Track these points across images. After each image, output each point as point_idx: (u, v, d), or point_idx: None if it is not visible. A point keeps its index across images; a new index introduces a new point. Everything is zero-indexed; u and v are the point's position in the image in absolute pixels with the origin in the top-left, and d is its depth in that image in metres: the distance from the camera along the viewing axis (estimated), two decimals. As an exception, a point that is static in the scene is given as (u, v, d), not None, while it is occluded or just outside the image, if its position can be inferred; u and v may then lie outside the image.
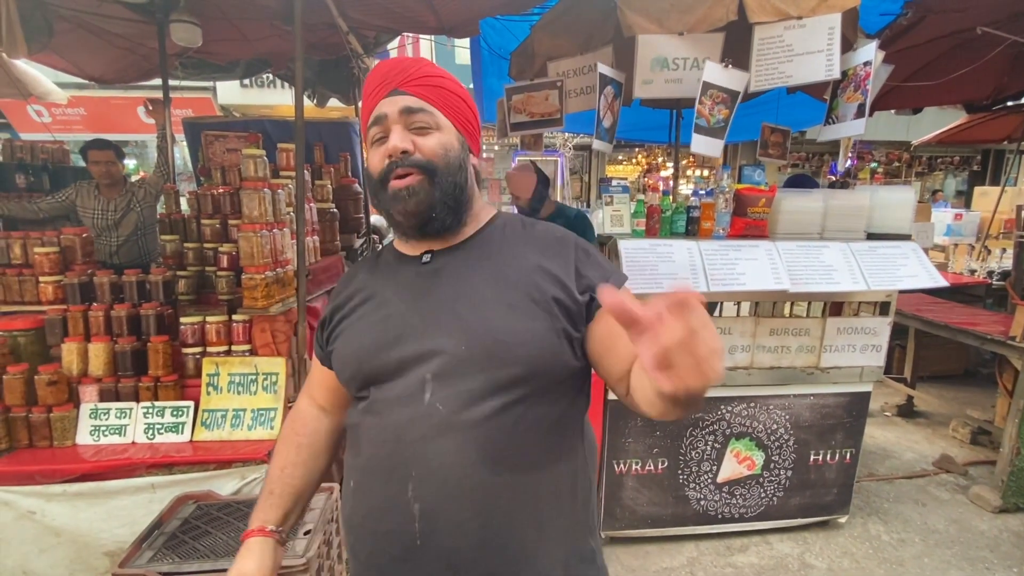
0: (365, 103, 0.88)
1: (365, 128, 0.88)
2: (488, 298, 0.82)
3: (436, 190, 0.82)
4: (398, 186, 0.82)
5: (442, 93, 0.85)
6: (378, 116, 0.84)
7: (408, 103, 0.82)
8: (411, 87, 0.83)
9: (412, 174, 0.81)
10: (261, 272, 2.04)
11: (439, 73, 0.86)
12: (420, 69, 0.85)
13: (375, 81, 0.85)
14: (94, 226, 3.14)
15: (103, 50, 3.39)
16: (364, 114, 0.89)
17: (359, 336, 0.87)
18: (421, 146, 0.82)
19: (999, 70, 3.72)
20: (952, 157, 11.26)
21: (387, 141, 0.83)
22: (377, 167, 0.84)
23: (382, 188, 0.84)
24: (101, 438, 1.97)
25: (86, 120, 8.39)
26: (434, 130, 0.84)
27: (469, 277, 0.85)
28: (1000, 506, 2.78)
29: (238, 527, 1.61)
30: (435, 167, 0.82)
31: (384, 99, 0.83)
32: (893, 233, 2.38)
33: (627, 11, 2.22)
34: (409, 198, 0.81)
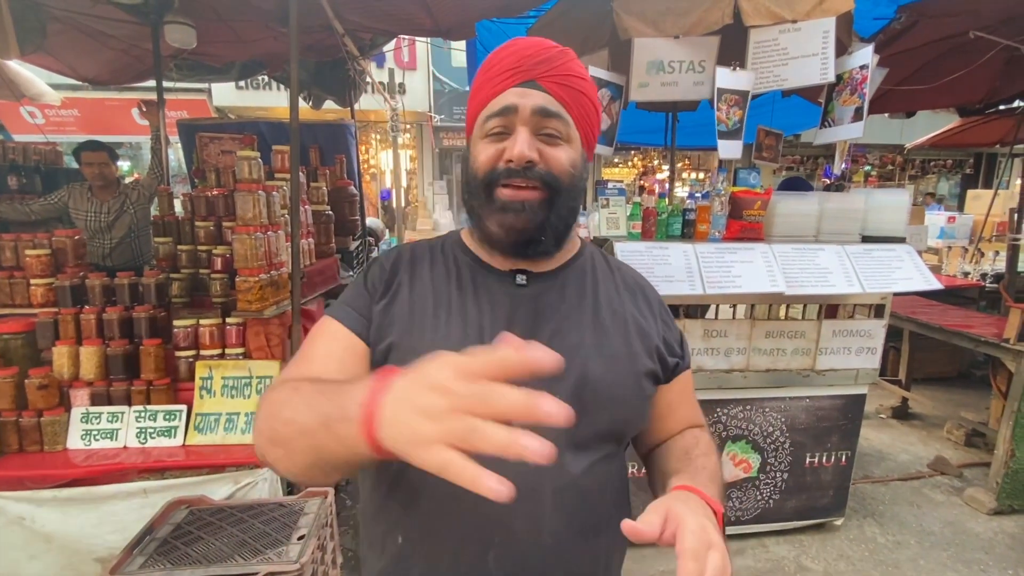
0: (482, 86, 0.74)
1: (474, 113, 0.75)
2: (587, 343, 0.74)
3: (552, 212, 0.72)
4: (511, 197, 0.70)
5: (581, 100, 0.73)
6: (506, 107, 0.70)
7: (545, 104, 0.70)
8: (551, 83, 0.70)
9: (531, 187, 0.70)
10: (255, 275, 2.03)
11: (582, 73, 0.73)
12: (565, 64, 0.72)
13: (507, 62, 0.71)
14: (87, 228, 3.11)
15: (97, 51, 3.38)
16: (478, 97, 0.74)
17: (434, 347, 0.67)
18: (549, 157, 0.71)
19: (991, 74, 3.75)
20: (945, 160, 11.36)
21: (505, 138, 0.71)
22: (485, 165, 0.72)
23: (485, 191, 0.72)
24: (92, 442, 1.95)
25: (79, 121, 8.35)
26: (564, 142, 0.72)
27: (567, 314, 0.76)
28: (995, 508, 2.79)
29: (231, 532, 1.60)
30: (559, 186, 0.71)
31: (514, 88, 0.70)
32: (887, 236, 2.39)
33: (623, 14, 2.22)
34: (520, 213, 0.70)
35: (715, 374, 2.34)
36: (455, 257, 0.80)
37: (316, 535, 1.60)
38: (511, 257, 0.76)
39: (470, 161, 0.75)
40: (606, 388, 0.72)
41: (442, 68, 9.55)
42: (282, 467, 0.61)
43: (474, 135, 0.75)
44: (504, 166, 0.70)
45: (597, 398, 0.71)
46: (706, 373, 2.33)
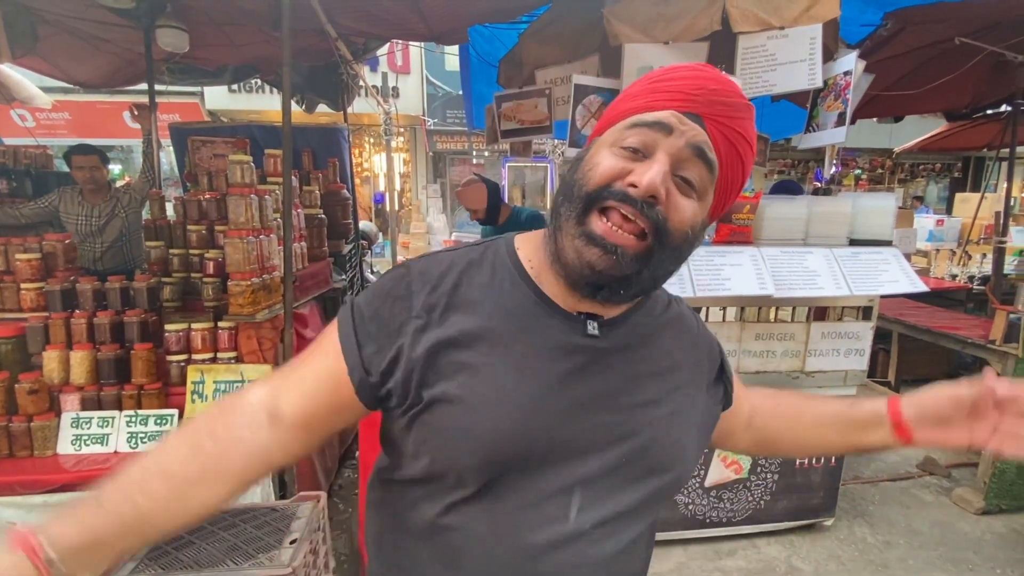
0: (639, 93, 0.63)
1: (616, 117, 0.63)
2: (653, 398, 0.67)
3: (646, 268, 0.61)
4: (605, 233, 0.59)
5: (736, 164, 0.63)
6: (660, 122, 0.59)
7: (703, 144, 0.59)
8: (718, 130, 0.60)
9: (636, 228, 0.59)
10: (247, 278, 2.03)
11: (752, 137, 0.63)
12: (743, 120, 0.61)
13: (685, 83, 0.60)
14: (78, 232, 3.10)
15: (89, 55, 3.37)
16: (629, 103, 0.63)
17: (494, 410, 0.61)
18: (674, 205, 0.60)
19: (977, 79, 3.81)
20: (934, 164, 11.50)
21: (638, 159, 0.60)
22: (601, 178, 0.60)
23: (582, 208, 0.60)
24: (83, 447, 1.94)
25: (70, 124, 8.31)
26: (696, 196, 0.61)
27: (634, 364, 0.68)
28: (983, 508, 2.82)
29: (222, 537, 1.59)
30: (668, 241, 0.60)
31: (678, 112, 0.59)
32: (875, 239, 2.42)
33: (613, 20, 2.25)
34: (607, 255, 0.59)
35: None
36: (512, 282, 0.67)
37: (308, 539, 1.60)
38: (576, 291, 0.64)
39: (584, 163, 0.63)
40: (671, 448, 0.67)
41: (435, 72, 9.58)
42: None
43: (603, 140, 0.63)
44: (622, 188, 0.59)
45: (662, 459, 0.67)
46: (697, 375, 2.35)
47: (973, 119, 4.76)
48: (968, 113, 4.54)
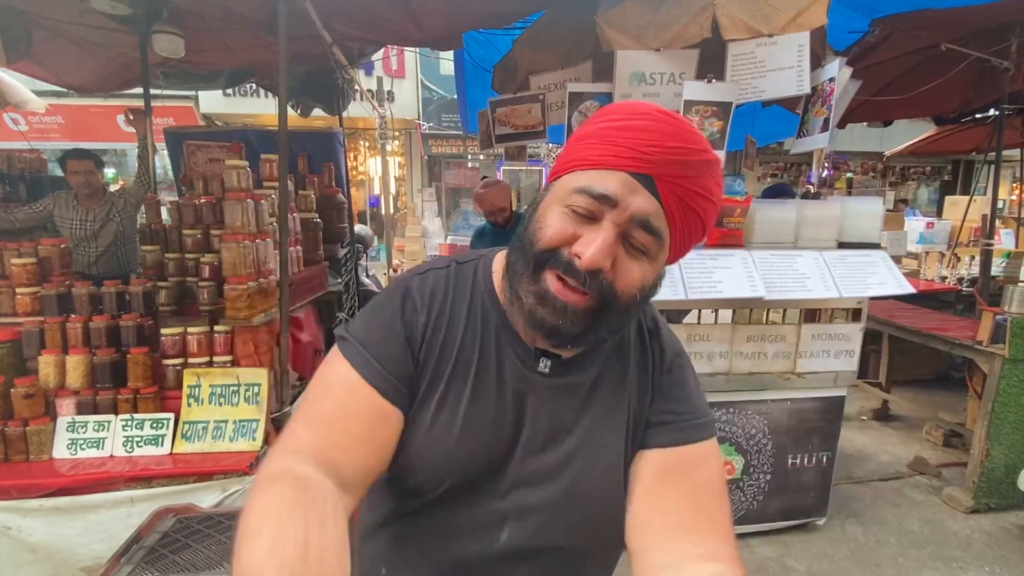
0: (598, 140, 0.60)
1: (569, 163, 0.63)
2: (598, 444, 0.67)
3: (597, 327, 0.62)
4: (556, 292, 0.60)
5: (693, 222, 0.62)
6: (605, 195, 0.58)
7: (650, 217, 0.58)
8: (672, 193, 0.59)
9: (583, 294, 0.59)
10: (244, 283, 2.04)
11: (712, 192, 0.61)
12: (700, 179, 0.59)
13: (637, 139, 0.58)
14: (72, 236, 3.10)
15: (84, 59, 3.37)
16: (585, 151, 0.61)
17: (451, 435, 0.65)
18: (621, 271, 0.60)
19: (964, 84, 3.88)
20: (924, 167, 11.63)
21: (585, 223, 0.59)
22: (549, 242, 0.60)
23: (534, 266, 0.61)
24: (78, 452, 1.94)
25: (64, 128, 8.27)
26: (647, 259, 0.61)
27: (587, 406, 0.69)
28: (972, 506, 2.86)
29: (219, 540, 1.60)
30: (614, 304, 0.60)
31: (627, 174, 0.58)
32: (863, 242, 2.46)
33: (606, 27, 2.28)
34: (561, 314, 0.60)
35: (698, 377, 2.38)
36: (484, 306, 0.70)
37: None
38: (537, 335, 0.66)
39: (537, 219, 0.63)
40: (611, 508, 0.66)
41: (431, 76, 9.62)
42: None
43: (556, 190, 0.63)
44: (568, 257, 0.59)
45: (600, 520, 0.67)
46: (690, 377, 2.37)
47: (961, 123, 4.83)
48: (956, 117, 4.61)
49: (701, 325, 2.41)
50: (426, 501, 0.68)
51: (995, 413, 2.76)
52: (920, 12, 2.71)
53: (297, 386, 2.55)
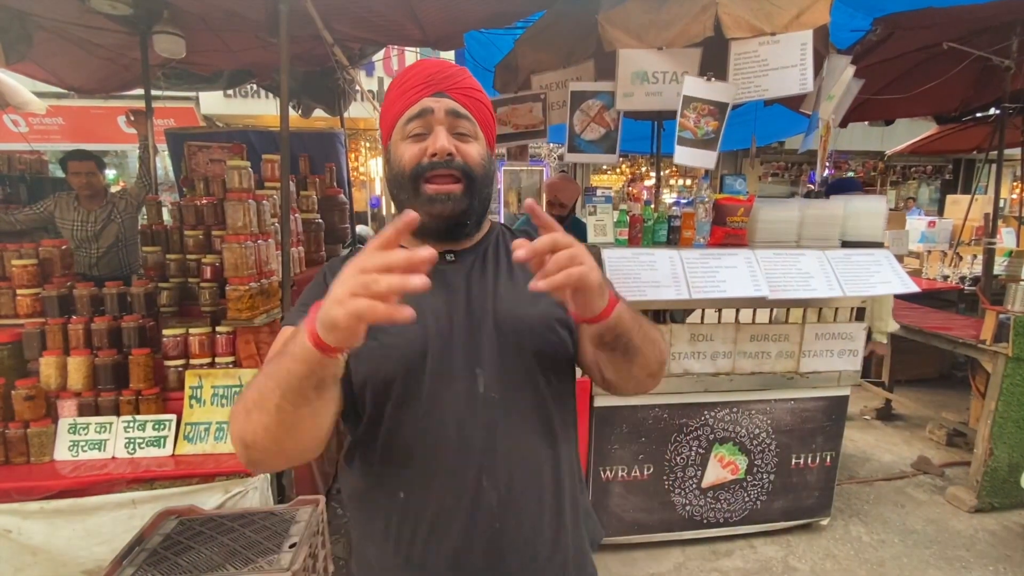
0: (398, 97, 0.86)
1: (392, 121, 0.86)
2: (511, 294, 0.86)
3: (473, 199, 0.84)
4: (438, 191, 0.82)
5: (480, 108, 0.87)
6: (423, 110, 0.83)
7: (455, 107, 0.83)
8: (458, 94, 0.84)
9: (453, 179, 0.82)
10: (245, 283, 2.03)
11: (479, 87, 0.89)
12: (465, 80, 0.87)
13: (417, 79, 0.85)
14: (73, 238, 3.10)
15: (84, 60, 3.37)
16: (395, 107, 0.86)
17: (400, 331, 0.75)
18: (464, 152, 0.83)
19: (966, 83, 3.87)
20: (925, 166, 11.61)
21: (424, 138, 0.83)
22: (411, 163, 0.82)
23: (413, 187, 0.83)
24: (80, 453, 1.94)
25: (64, 130, 8.27)
26: (473, 139, 0.85)
27: (492, 277, 0.88)
28: (975, 506, 2.85)
29: (222, 542, 1.60)
30: (475, 176, 0.83)
31: (428, 97, 0.83)
32: (866, 241, 2.45)
33: (608, 26, 2.27)
34: (447, 203, 0.82)
35: (702, 377, 2.38)
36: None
37: (307, 543, 1.60)
38: (438, 242, 0.85)
39: (393, 161, 0.85)
40: (536, 323, 0.84)
41: (431, 76, 9.60)
42: (259, 440, 0.67)
43: (393, 139, 0.86)
44: (428, 160, 0.81)
45: (531, 332, 0.84)
46: (693, 376, 2.37)
47: (962, 122, 4.82)
48: (957, 116, 4.60)
49: (704, 325, 2.40)
50: (401, 394, 0.80)
51: (998, 412, 2.75)
52: (922, 11, 2.70)
53: (299, 387, 2.54)
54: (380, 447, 0.83)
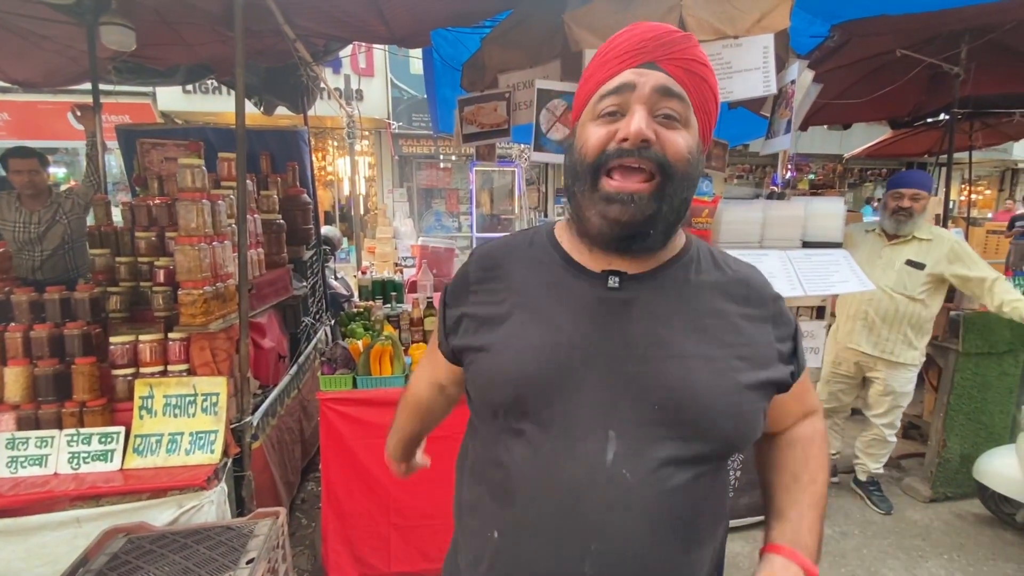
0: (597, 68, 0.70)
1: (585, 98, 0.71)
2: (689, 352, 0.69)
3: (664, 203, 0.66)
4: (618, 187, 0.66)
5: (702, 87, 0.69)
6: (623, 84, 0.66)
7: (666, 83, 0.66)
8: (673, 65, 0.66)
9: (643, 174, 0.65)
10: (199, 287, 1.94)
11: (704, 60, 0.69)
12: (688, 48, 0.68)
13: (626, 44, 0.68)
14: (14, 240, 2.92)
15: (28, 52, 3.18)
16: (592, 80, 0.70)
17: (518, 354, 0.70)
18: (666, 141, 0.66)
19: (918, 89, 4.03)
20: (880, 169, 12.09)
21: (619, 119, 0.66)
22: (595, 148, 0.67)
23: (592, 179, 0.67)
24: (19, 470, 1.81)
25: (9, 126, 7.85)
26: (682, 126, 0.67)
27: (666, 319, 0.70)
28: (930, 496, 2.96)
29: (173, 560, 1.52)
30: (673, 173, 0.66)
31: (633, 68, 0.67)
32: (826, 241, 2.51)
33: (574, 26, 2.26)
34: (628, 205, 0.65)
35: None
36: (545, 257, 0.77)
37: (266, 558, 1.54)
38: (612, 253, 0.71)
39: (576, 145, 0.70)
40: (713, 401, 0.67)
41: (401, 76, 9.49)
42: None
43: (583, 119, 0.71)
44: (616, 146, 0.66)
45: (703, 414, 0.67)
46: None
47: (915, 127, 5.02)
48: (910, 121, 4.79)
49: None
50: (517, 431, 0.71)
51: (950, 405, 2.86)
52: (877, 18, 2.79)
53: (259, 394, 2.46)
54: (485, 465, 0.76)
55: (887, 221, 2.72)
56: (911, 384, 2.76)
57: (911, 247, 2.67)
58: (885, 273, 2.70)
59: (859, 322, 2.79)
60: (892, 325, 2.69)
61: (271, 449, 2.43)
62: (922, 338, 2.70)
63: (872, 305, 2.72)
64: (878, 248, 2.77)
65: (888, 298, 2.67)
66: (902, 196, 2.66)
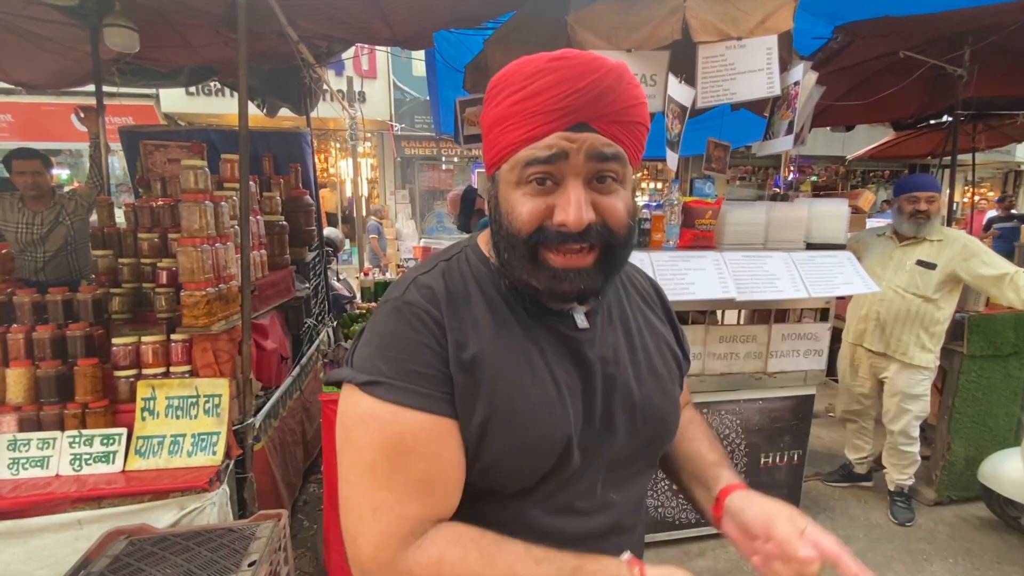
0: (517, 121, 0.59)
1: (503, 150, 0.61)
2: (644, 371, 0.73)
3: (609, 270, 0.64)
4: (564, 264, 0.61)
5: (636, 132, 0.62)
6: (554, 155, 0.58)
7: (602, 148, 0.58)
8: (606, 125, 0.59)
9: (586, 249, 0.61)
10: (202, 288, 1.94)
11: (639, 97, 0.61)
12: (619, 98, 0.58)
13: (553, 100, 0.57)
14: (17, 241, 2.92)
15: (32, 54, 3.19)
16: (511, 133, 0.60)
17: (530, 424, 0.63)
18: (606, 211, 0.60)
19: (920, 91, 4.02)
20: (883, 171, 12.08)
21: (551, 190, 0.60)
22: (530, 223, 0.60)
23: (529, 251, 0.61)
24: (21, 471, 1.81)
25: (13, 127, 7.88)
26: (619, 185, 0.62)
27: (621, 345, 0.73)
28: (935, 499, 2.94)
29: (175, 562, 1.51)
30: (616, 242, 0.62)
31: (562, 132, 0.58)
32: (829, 243, 2.50)
33: (577, 28, 2.26)
34: (577, 280, 0.62)
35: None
36: (502, 296, 0.68)
37: (268, 560, 1.53)
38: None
39: (502, 207, 0.63)
40: (669, 411, 0.75)
41: (403, 77, 9.51)
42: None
43: (504, 178, 0.63)
44: (556, 230, 0.60)
45: (663, 426, 0.74)
46: (664, 379, 2.37)
47: (918, 129, 5.01)
48: (913, 123, 4.78)
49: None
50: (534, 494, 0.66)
51: (955, 408, 2.85)
52: (880, 20, 2.79)
53: (261, 395, 2.45)
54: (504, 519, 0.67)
55: (905, 224, 2.69)
56: (920, 387, 2.72)
57: (922, 248, 2.66)
58: (896, 274, 2.69)
59: (871, 322, 2.78)
60: (904, 325, 2.67)
61: (273, 451, 2.43)
62: (936, 341, 2.67)
63: (883, 306, 2.71)
64: (889, 250, 2.76)
65: (900, 298, 2.66)
66: (918, 200, 2.64)
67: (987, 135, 4.99)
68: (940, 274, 2.59)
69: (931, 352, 2.68)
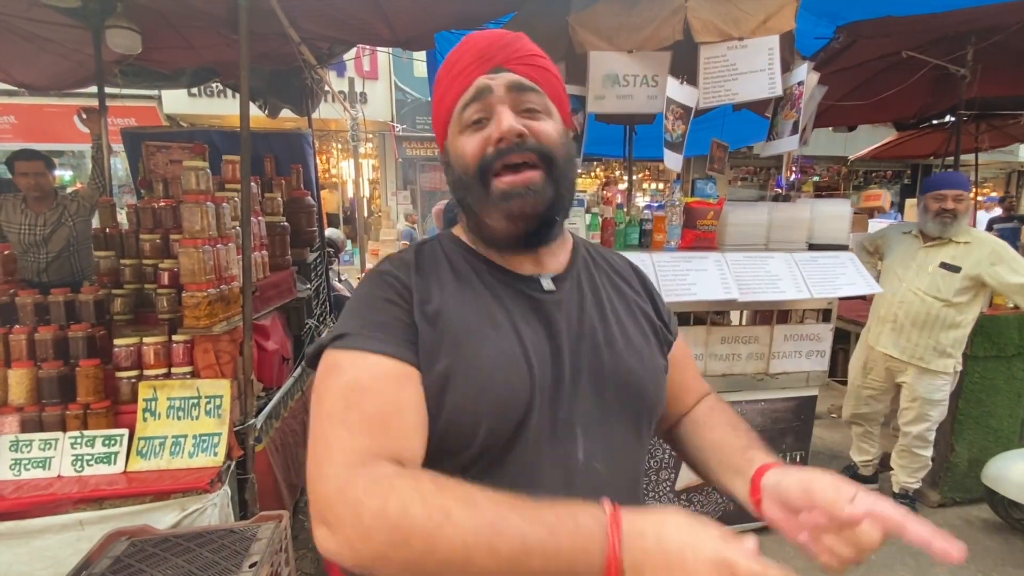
0: (449, 84, 0.72)
1: (446, 115, 0.72)
2: (616, 335, 0.74)
3: (554, 187, 0.69)
4: (513, 182, 0.67)
5: (548, 76, 0.73)
6: (480, 89, 0.68)
7: (518, 80, 0.69)
8: (517, 65, 0.70)
9: (528, 166, 0.68)
10: (203, 289, 1.94)
11: (542, 52, 0.74)
12: (525, 46, 0.72)
13: (470, 55, 0.70)
14: (20, 242, 2.93)
15: (34, 56, 3.20)
16: (447, 97, 0.72)
17: (493, 374, 0.65)
18: (537, 131, 0.68)
19: (923, 91, 4.00)
20: (885, 171, 12.05)
21: (487, 124, 0.69)
22: (474, 155, 0.68)
23: (481, 184, 0.68)
24: (22, 472, 1.81)
25: (16, 129, 7.90)
26: (545, 115, 0.71)
27: (593, 312, 0.75)
28: (939, 501, 2.93)
29: (176, 563, 1.51)
30: (554, 157, 0.69)
31: (483, 76, 0.69)
32: (832, 244, 2.50)
33: (579, 28, 2.26)
34: (526, 196, 0.67)
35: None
36: (469, 263, 0.75)
37: (269, 562, 1.53)
38: (523, 250, 0.74)
39: (454, 159, 0.72)
40: (645, 376, 0.75)
41: (404, 78, 9.51)
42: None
43: (451, 133, 0.72)
44: (494, 149, 0.68)
45: (640, 389, 0.74)
46: (666, 380, 2.37)
47: (920, 129, 4.99)
48: (916, 123, 4.77)
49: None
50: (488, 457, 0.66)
51: (959, 410, 2.84)
52: (882, 19, 2.78)
53: (263, 396, 2.45)
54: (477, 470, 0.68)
55: (931, 224, 2.61)
56: (940, 393, 2.65)
57: (947, 250, 2.58)
58: (918, 276, 2.63)
59: (888, 325, 2.72)
60: (923, 330, 2.61)
61: (274, 452, 2.43)
62: (956, 346, 2.61)
63: (903, 308, 2.65)
64: (913, 250, 2.70)
65: (919, 301, 2.60)
66: (945, 198, 2.55)
67: (990, 135, 4.97)
68: (964, 278, 2.51)
69: (951, 357, 2.61)
